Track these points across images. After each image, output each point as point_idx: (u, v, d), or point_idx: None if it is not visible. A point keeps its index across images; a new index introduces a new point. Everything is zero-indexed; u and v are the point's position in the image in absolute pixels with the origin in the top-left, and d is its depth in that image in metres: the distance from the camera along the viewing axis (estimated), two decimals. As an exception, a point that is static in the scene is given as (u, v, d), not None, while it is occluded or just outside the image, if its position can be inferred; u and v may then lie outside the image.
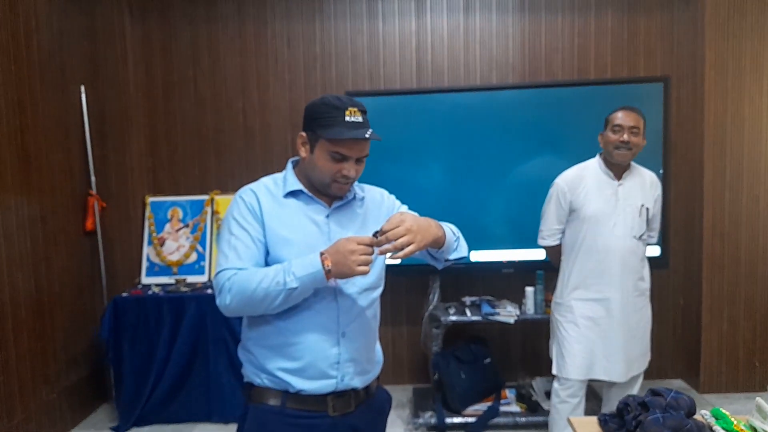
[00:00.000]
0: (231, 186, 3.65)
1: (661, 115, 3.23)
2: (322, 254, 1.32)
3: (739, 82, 3.35)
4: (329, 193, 1.45)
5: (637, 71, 3.53)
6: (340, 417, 1.44)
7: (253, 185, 1.50)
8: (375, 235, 1.33)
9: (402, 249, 1.31)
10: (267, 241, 1.42)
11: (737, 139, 3.38)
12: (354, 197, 1.52)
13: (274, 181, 1.50)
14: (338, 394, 1.44)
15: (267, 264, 1.42)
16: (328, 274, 1.31)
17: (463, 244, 1.57)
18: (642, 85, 3.34)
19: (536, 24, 3.54)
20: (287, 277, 1.32)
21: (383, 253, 1.33)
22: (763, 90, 3.36)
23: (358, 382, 1.47)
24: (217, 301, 1.40)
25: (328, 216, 1.47)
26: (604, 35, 3.52)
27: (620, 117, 2.45)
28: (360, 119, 1.39)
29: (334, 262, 1.30)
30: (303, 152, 1.45)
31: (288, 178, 1.48)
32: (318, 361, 1.41)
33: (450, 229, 1.51)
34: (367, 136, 1.37)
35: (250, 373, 1.48)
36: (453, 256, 1.53)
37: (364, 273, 1.32)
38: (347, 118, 1.37)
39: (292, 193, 1.47)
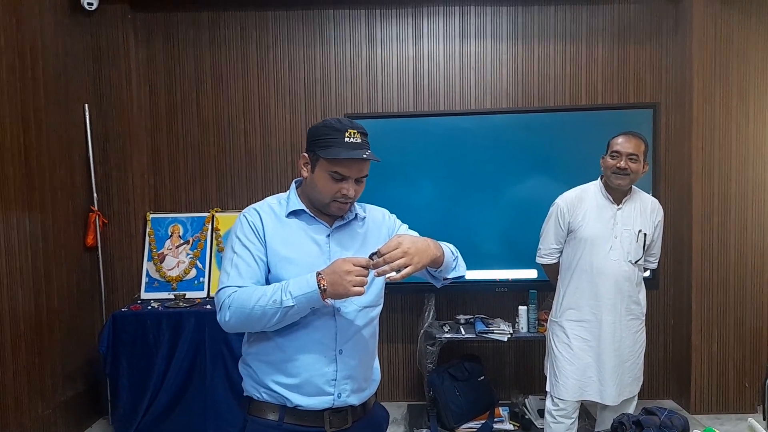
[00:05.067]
0: (231, 204, 3.71)
1: (650, 140, 3.33)
2: (318, 274, 1.35)
3: (726, 109, 3.45)
4: (329, 212, 1.49)
5: (627, 98, 3.63)
6: None
7: (257, 205, 1.54)
8: (371, 256, 1.36)
9: (399, 271, 1.33)
10: (268, 260, 1.46)
11: (725, 164, 3.47)
12: (355, 217, 1.56)
13: (278, 201, 1.55)
14: (335, 411, 1.46)
15: (268, 282, 1.45)
16: (324, 293, 1.33)
17: (462, 264, 1.60)
18: (632, 111, 3.44)
19: (529, 51, 3.64)
20: (284, 295, 1.34)
21: (380, 275, 1.35)
22: (749, 117, 3.46)
23: (354, 400, 1.49)
24: (218, 318, 1.43)
25: (328, 236, 1.50)
26: (595, 63, 3.63)
27: (619, 143, 2.44)
28: (359, 140, 1.43)
29: (330, 282, 1.33)
30: (305, 172, 1.50)
31: (291, 199, 1.53)
32: (314, 377, 1.44)
33: (449, 249, 1.54)
34: (364, 156, 1.41)
35: (249, 387, 1.51)
36: (451, 276, 1.56)
37: (359, 294, 1.33)
38: (346, 139, 1.41)
39: (295, 213, 1.51)
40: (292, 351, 1.44)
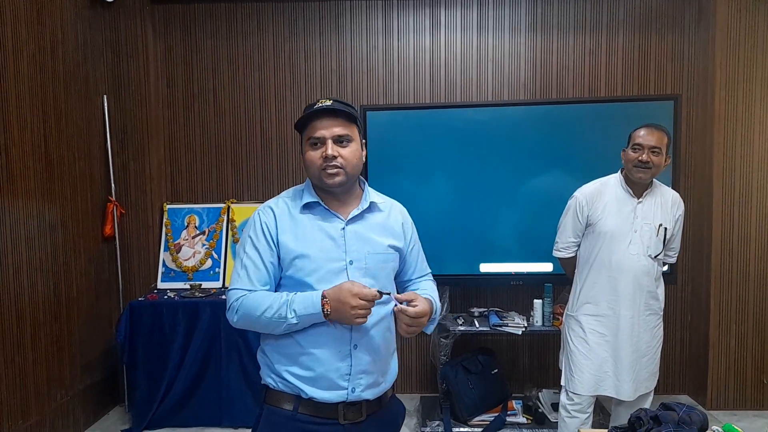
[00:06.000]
0: (247, 195, 3.73)
1: (671, 133, 3.27)
2: (324, 297, 1.39)
3: (749, 102, 3.38)
4: (326, 186, 1.49)
5: (648, 90, 3.57)
6: (351, 425, 1.46)
7: (271, 202, 1.55)
8: (380, 293, 1.40)
9: (406, 334, 1.50)
10: (282, 257, 1.48)
11: (747, 157, 3.40)
12: (369, 207, 1.55)
13: (293, 195, 1.56)
14: (349, 404, 1.47)
15: (283, 279, 1.49)
16: (327, 316, 1.39)
17: (433, 325, 1.66)
18: (652, 103, 3.38)
19: (548, 43, 3.60)
20: (289, 313, 1.40)
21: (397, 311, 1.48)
22: (772, 110, 3.39)
23: (369, 395, 1.49)
24: (227, 315, 1.49)
25: (343, 229, 1.50)
26: (615, 54, 3.58)
27: (642, 135, 2.39)
28: (329, 104, 1.46)
29: (334, 308, 1.38)
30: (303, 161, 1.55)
31: (305, 192, 1.54)
32: (329, 372, 1.45)
33: (437, 308, 1.62)
34: (327, 103, 1.45)
35: (266, 376, 1.52)
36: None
37: (362, 323, 1.41)
38: (316, 106, 1.47)
39: (309, 206, 1.51)
40: (308, 345, 1.45)
